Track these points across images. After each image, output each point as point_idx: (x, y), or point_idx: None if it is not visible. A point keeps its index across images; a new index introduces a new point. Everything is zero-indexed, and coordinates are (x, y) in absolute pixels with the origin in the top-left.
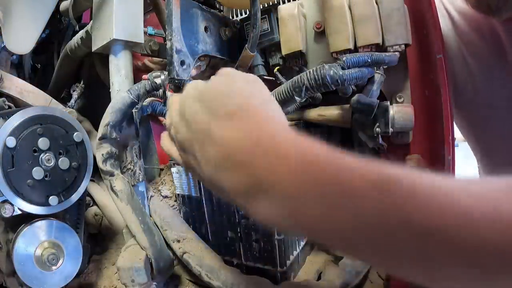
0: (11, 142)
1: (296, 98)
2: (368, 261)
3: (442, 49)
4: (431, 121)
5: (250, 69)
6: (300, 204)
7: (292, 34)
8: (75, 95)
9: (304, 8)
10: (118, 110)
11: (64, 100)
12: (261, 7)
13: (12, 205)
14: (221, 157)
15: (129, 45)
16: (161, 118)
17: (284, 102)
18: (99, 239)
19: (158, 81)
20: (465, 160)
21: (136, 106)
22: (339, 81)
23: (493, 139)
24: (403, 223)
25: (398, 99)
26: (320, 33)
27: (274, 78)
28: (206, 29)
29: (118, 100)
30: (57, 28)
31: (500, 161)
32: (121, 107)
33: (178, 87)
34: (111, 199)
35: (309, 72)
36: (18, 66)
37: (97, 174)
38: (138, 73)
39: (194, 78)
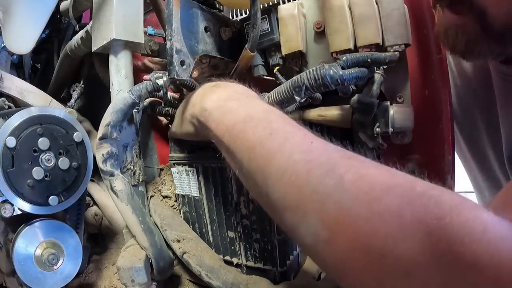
0: (11, 142)
1: (296, 97)
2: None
3: (442, 49)
4: (431, 121)
5: (250, 69)
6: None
7: (292, 34)
8: (75, 95)
9: (304, 8)
10: (119, 110)
11: (64, 100)
12: (261, 7)
13: (12, 205)
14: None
15: (129, 45)
16: (161, 118)
17: (283, 101)
18: (99, 239)
19: (160, 82)
20: None
21: (137, 106)
22: (339, 80)
23: (474, 161)
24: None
25: (398, 99)
26: (320, 33)
27: (274, 78)
28: (206, 29)
29: (119, 100)
30: (57, 28)
31: (478, 179)
32: (122, 108)
33: (178, 87)
34: (111, 199)
35: (309, 71)
36: (18, 66)
37: (97, 174)
38: (138, 73)
39: (195, 79)
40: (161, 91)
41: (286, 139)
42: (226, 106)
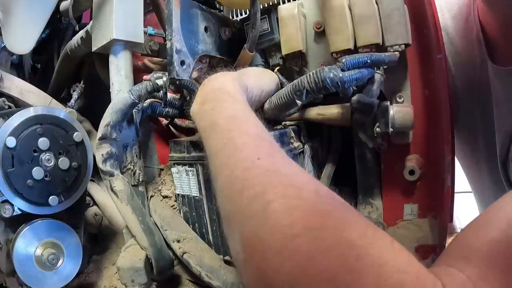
0: (11, 142)
1: (298, 102)
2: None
3: (442, 49)
4: (431, 121)
5: None
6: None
7: (292, 34)
8: (75, 95)
9: (304, 8)
10: (118, 110)
11: (64, 100)
12: (261, 7)
13: (12, 205)
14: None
15: (129, 45)
16: (160, 119)
17: (285, 106)
18: (99, 239)
19: (159, 82)
20: None
21: (137, 106)
22: (339, 83)
23: (470, 162)
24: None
25: (398, 99)
26: (320, 33)
27: None
28: (206, 29)
29: (118, 101)
30: (57, 28)
31: (471, 178)
32: (122, 108)
33: (178, 87)
34: (111, 199)
35: (309, 75)
36: (18, 66)
37: (97, 174)
38: (138, 73)
39: (195, 79)
40: (161, 91)
41: (235, 151)
42: (202, 109)
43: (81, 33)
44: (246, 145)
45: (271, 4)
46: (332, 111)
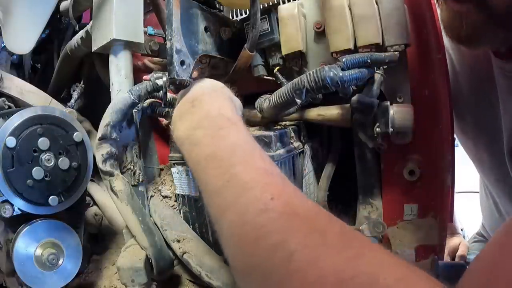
0: (11, 142)
1: (297, 100)
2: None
3: (442, 49)
4: (431, 121)
5: (250, 69)
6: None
7: (292, 34)
8: (75, 95)
9: (304, 8)
10: (118, 110)
11: (64, 100)
12: (261, 7)
13: (12, 205)
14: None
15: (129, 45)
16: (160, 119)
17: (285, 104)
18: (99, 239)
19: (159, 82)
20: (465, 160)
21: (137, 106)
22: (339, 82)
23: (474, 156)
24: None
25: (398, 99)
26: (320, 33)
27: (274, 78)
28: (206, 29)
29: (118, 101)
30: (57, 28)
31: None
32: (122, 108)
33: (178, 87)
34: (111, 199)
35: (309, 74)
36: (18, 66)
37: (97, 174)
38: (138, 73)
39: (195, 79)
40: (161, 91)
41: (243, 190)
42: (194, 136)
43: (81, 33)
44: (255, 182)
45: (271, 4)
46: (332, 112)
